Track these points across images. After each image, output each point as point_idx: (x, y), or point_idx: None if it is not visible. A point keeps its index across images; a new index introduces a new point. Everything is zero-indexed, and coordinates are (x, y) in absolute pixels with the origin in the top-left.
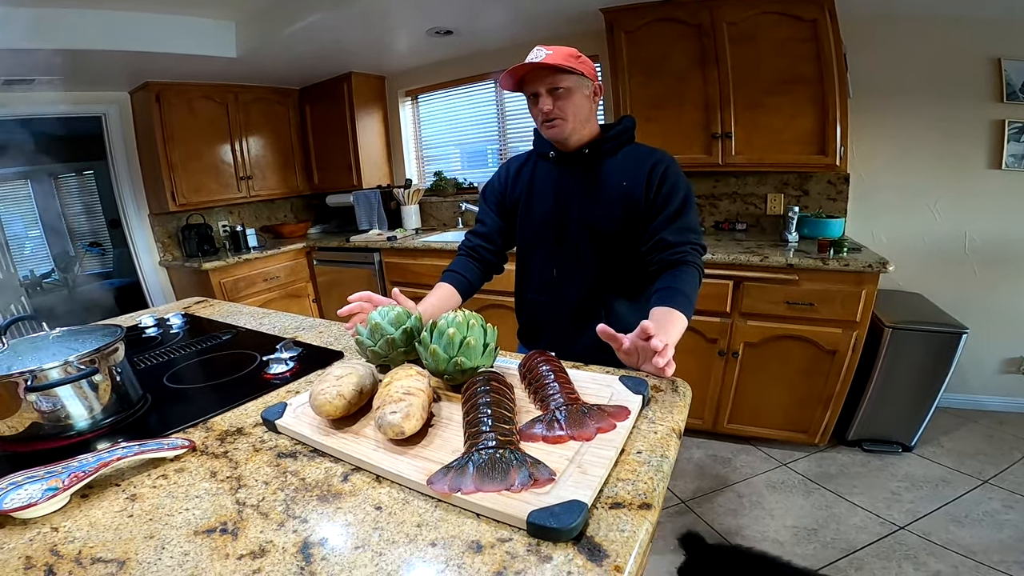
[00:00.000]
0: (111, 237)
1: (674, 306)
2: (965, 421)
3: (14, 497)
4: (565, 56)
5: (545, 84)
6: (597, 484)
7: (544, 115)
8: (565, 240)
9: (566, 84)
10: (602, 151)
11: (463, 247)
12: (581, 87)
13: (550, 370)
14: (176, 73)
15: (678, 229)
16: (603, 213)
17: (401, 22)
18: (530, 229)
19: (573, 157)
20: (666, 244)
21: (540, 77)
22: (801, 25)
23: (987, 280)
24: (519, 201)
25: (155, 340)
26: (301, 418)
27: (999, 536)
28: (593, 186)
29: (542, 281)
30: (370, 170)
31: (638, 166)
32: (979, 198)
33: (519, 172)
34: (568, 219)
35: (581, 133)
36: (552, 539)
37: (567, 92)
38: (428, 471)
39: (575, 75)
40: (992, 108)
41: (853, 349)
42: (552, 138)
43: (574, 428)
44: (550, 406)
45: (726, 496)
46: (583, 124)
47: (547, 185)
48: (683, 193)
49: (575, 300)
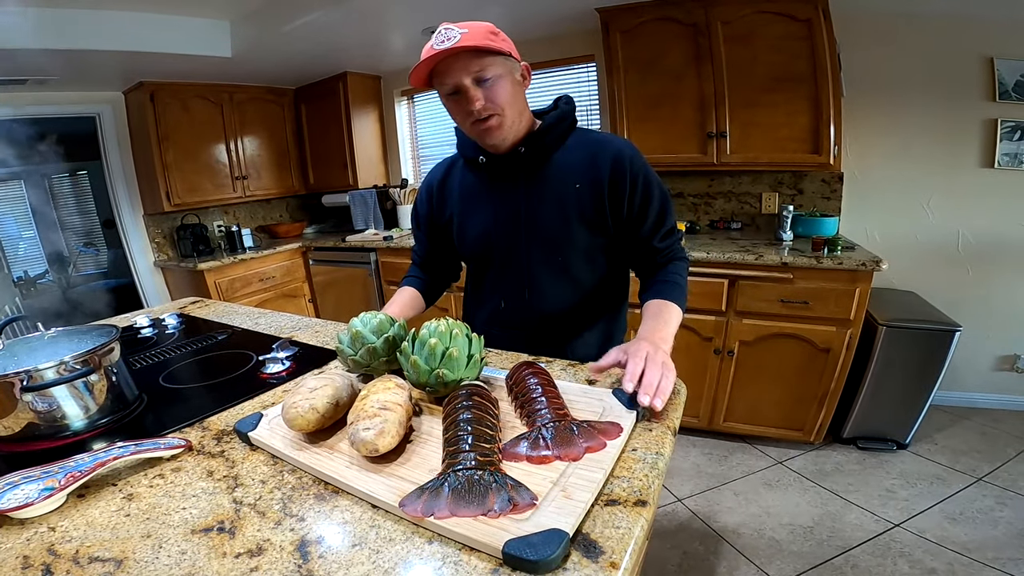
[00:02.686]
0: (105, 237)
1: (668, 298)
2: (959, 419)
3: (11, 497)
4: (485, 34)
5: (469, 73)
6: (582, 511)
7: (476, 114)
8: (512, 266)
9: (495, 70)
10: (542, 146)
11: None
12: (511, 70)
13: (538, 383)
14: (171, 73)
15: (666, 233)
16: (554, 226)
17: (396, 22)
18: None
19: (507, 160)
20: (655, 250)
21: (459, 65)
22: (795, 24)
23: (980, 278)
24: (450, 223)
25: (151, 340)
26: (275, 430)
27: (993, 533)
28: (537, 193)
29: (494, 310)
30: (366, 170)
31: (593, 161)
32: (972, 196)
33: (443, 186)
34: (513, 240)
35: (518, 129)
36: (529, 571)
37: (498, 79)
38: (402, 491)
39: (502, 56)
40: (985, 107)
41: (847, 347)
42: (490, 142)
43: (561, 447)
44: (536, 422)
45: (722, 494)
46: (519, 117)
47: (481, 198)
48: (659, 190)
49: (531, 334)
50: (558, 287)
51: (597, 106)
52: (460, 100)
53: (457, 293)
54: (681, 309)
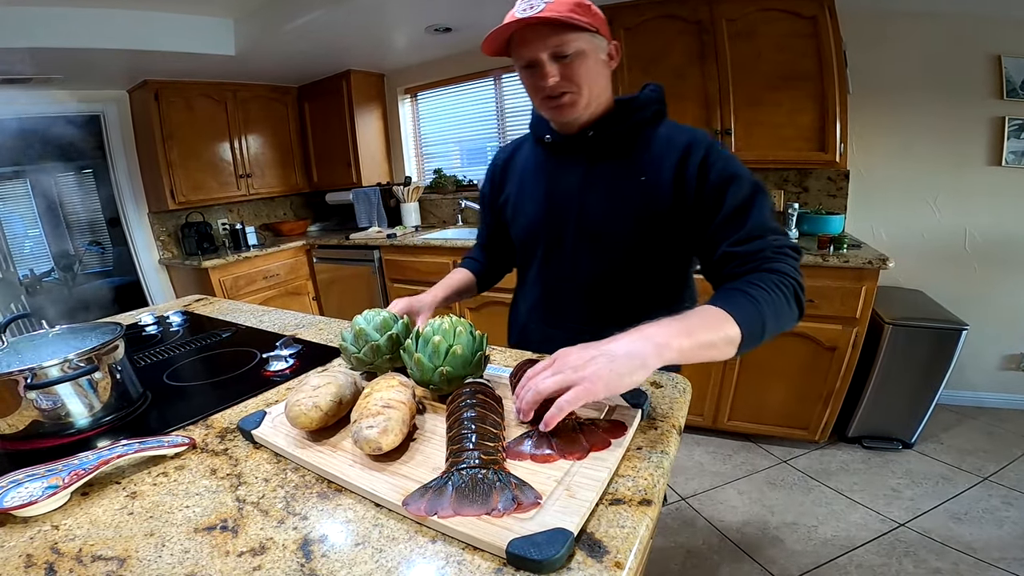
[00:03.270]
0: (111, 236)
1: (720, 304)
2: (965, 418)
3: (14, 495)
4: (571, 6)
5: (547, 48)
6: (586, 510)
7: (549, 90)
8: (557, 255)
9: (577, 45)
10: (612, 133)
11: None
12: (596, 48)
13: None
14: (174, 71)
15: (748, 234)
16: (608, 220)
17: (399, 20)
18: (520, 238)
19: (573, 141)
20: (731, 257)
21: (538, 37)
22: (801, 22)
23: (987, 276)
24: (506, 204)
25: (155, 338)
26: (279, 428)
27: (999, 533)
28: (598, 181)
29: (533, 302)
30: (369, 168)
31: (664, 153)
32: (979, 194)
33: (507, 166)
34: (562, 229)
35: (593, 110)
36: (533, 571)
37: (579, 56)
38: (406, 490)
39: (588, 32)
40: (992, 105)
41: (853, 346)
42: (561, 120)
43: (565, 446)
44: None
45: (726, 492)
46: (597, 98)
47: (539, 180)
48: (746, 183)
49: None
50: (605, 287)
51: None
52: (535, 74)
53: None
54: (734, 319)
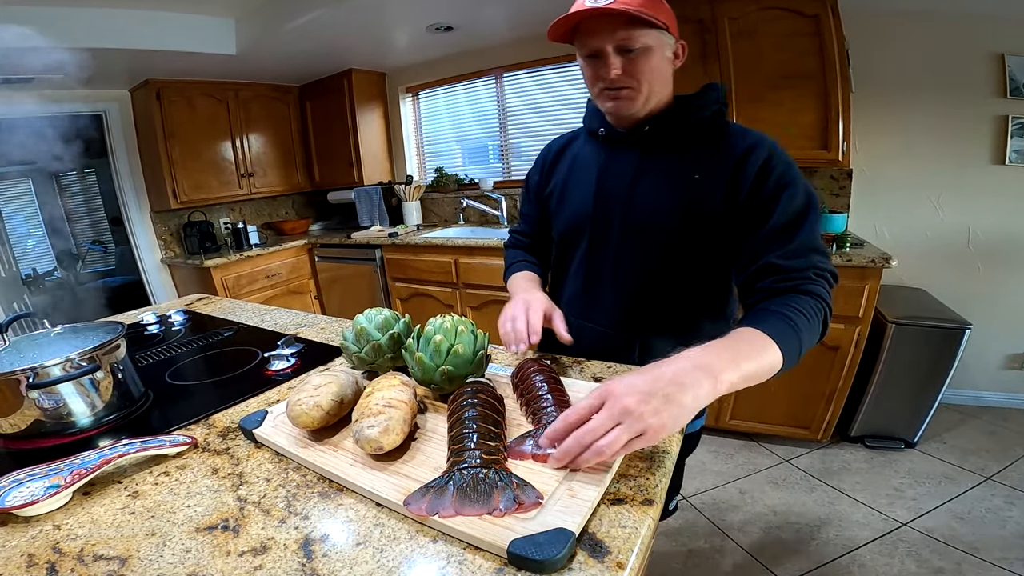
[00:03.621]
0: (113, 235)
1: (762, 327)
2: (968, 417)
3: (16, 495)
4: (643, 0)
5: (614, 40)
6: (588, 510)
7: (609, 82)
8: (602, 246)
9: (644, 41)
10: (668, 128)
11: (514, 242)
12: (662, 46)
13: (543, 380)
14: (176, 71)
15: (795, 250)
16: (657, 217)
17: (400, 18)
18: (563, 229)
19: (627, 136)
20: (774, 270)
21: (606, 29)
22: (803, 20)
23: (990, 275)
24: (551, 195)
25: (157, 337)
26: (280, 427)
27: (1001, 533)
28: (650, 175)
29: (571, 295)
30: (371, 166)
31: (722, 153)
32: (982, 193)
33: (559, 157)
34: (608, 224)
35: (652, 107)
36: (534, 571)
37: (645, 52)
38: (407, 489)
39: (657, 29)
40: (996, 104)
41: (856, 345)
42: (616, 112)
43: None
44: (542, 420)
45: (728, 492)
46: (657, 96)
47: (589, 171)
48: (801, 194)
49: (604, 328)
50: (646, 284)
51: None
52: (597, 64)
53: (464, 290)
54: (779, 351)
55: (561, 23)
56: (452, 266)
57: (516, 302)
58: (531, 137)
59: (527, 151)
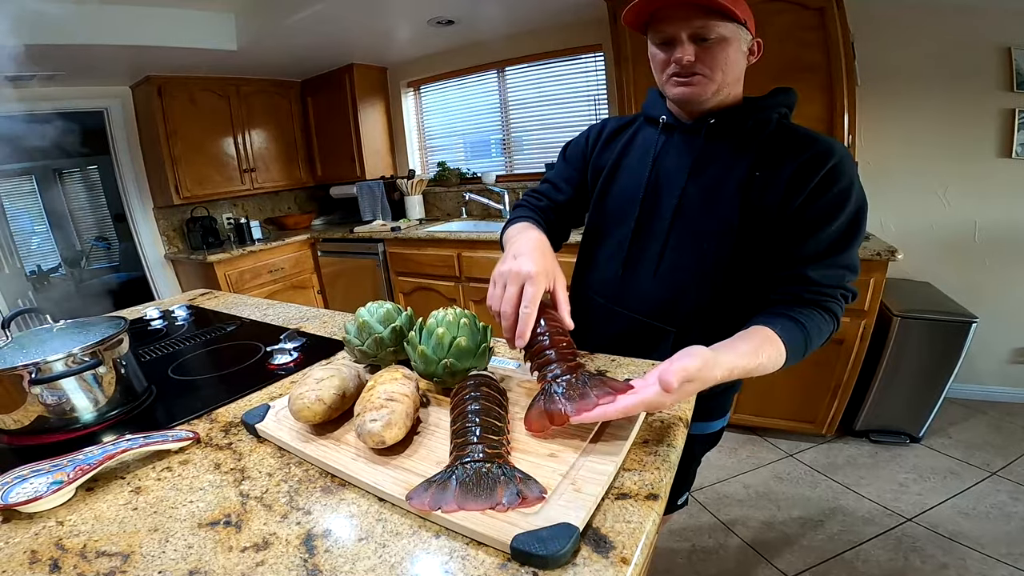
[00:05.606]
0: (116, 231)
1: (775, 327)
2: (974, 412)
3: (19, 491)
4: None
5: (690, 27)
6: (592, 504)
7: (681, 67)
8: (647, 233)
9: (720, 32)
10: (734, 123)
11: (526, 201)
12: (738, 39)
13: (545, 331)
14: (177, 66)
15: (831, 265)
16: (713, 210)
17: (402, 12)
18: (606, 209)
19: (691, 127)
20: (803, 281)
21: (683, 15)
22: (807, 13)
23: (997, 269)
24: (603, 170)
25: (160, 332)
26: (282, 422)
27: (1007, 528)
28: (710, 167)
29: (604, 278)
30: (373, 161)
31: (787, 154)
32: (989, 186)
33: (614, 136)
34: (660, 205)
35: (720, 98)
36: (537, 567)
37: (720, 42)
38: (409, 484)
39: (734, 22)
40: (1002, 97)
41: (861, 338)
42: (681, 98)
43: (574, 402)
44: (547, 376)
45: (732, 487)
46: (728, 88)
47: (645, 156)
48: (853, 211)
49: (638, 315)
50: (692, 279)
51: (605, 97)
52: (669, 50)
53: (466, 283)
54: (784, 349)
55: (637, 9)
56: (455, 260)
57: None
58: (533, 131)
59: (529, 145)
